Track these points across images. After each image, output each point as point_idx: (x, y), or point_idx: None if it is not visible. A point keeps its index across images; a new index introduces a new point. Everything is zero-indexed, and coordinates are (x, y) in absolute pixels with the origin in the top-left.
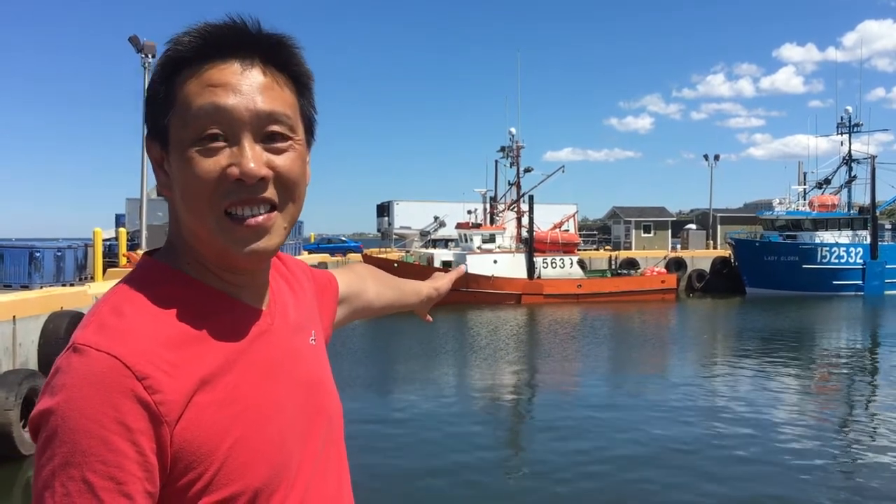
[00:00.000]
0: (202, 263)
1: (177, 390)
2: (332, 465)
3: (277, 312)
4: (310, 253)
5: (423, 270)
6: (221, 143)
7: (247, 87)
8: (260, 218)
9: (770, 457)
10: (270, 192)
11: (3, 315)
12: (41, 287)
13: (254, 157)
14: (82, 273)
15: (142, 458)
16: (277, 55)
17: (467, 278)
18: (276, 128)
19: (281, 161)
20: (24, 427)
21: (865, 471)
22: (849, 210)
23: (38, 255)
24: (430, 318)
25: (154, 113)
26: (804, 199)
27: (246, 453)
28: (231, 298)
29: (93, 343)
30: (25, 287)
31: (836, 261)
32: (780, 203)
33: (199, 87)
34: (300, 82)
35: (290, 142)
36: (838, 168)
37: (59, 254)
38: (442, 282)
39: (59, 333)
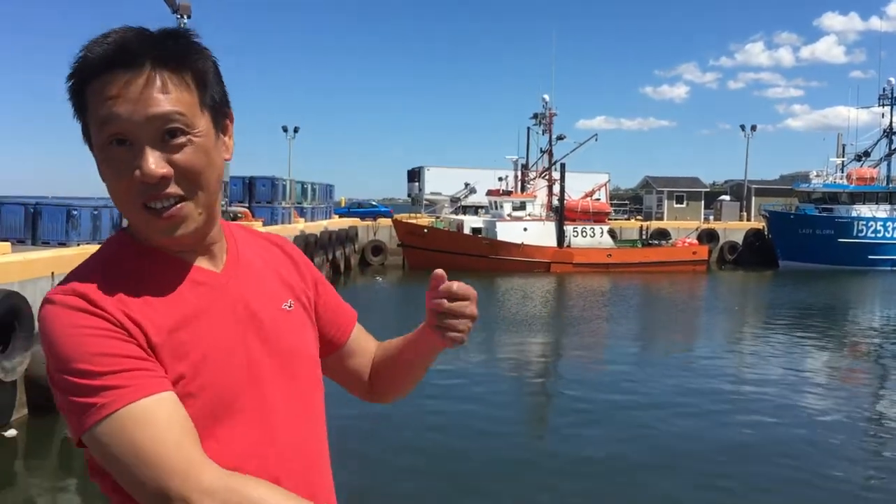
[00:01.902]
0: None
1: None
2: (302, 414)
3: (238, 275)
4: (340, 217)
5: (452, 237)
6: (126, 147)
7: (135, 94)
8: (172, 210)
9: (798, 433)
10: (174, 188)
11: (42, 271)
12: (78, 245)
13: (152, 160)
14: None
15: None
16: (167, 56)
17: (496, 245)
18: (171, 126)
19: (180, 157)
20: None
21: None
22: (888, 184)
23: (75, 213)
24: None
25: (78, 116)
26: (842, 172)
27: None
28: (183, 261)
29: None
30: (63, 244)
31: (873, 235)
32: (818, 175)
33: (99, 98)
34: (197, 75)
35: (187, 136)
36: (878, 140)
37: (96, 212)
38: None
39: None
